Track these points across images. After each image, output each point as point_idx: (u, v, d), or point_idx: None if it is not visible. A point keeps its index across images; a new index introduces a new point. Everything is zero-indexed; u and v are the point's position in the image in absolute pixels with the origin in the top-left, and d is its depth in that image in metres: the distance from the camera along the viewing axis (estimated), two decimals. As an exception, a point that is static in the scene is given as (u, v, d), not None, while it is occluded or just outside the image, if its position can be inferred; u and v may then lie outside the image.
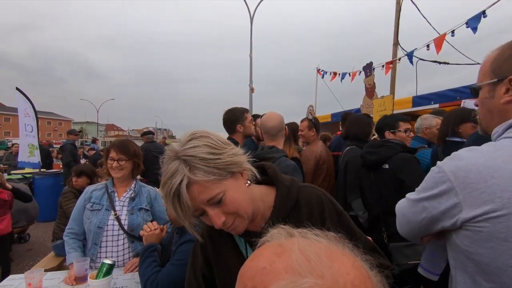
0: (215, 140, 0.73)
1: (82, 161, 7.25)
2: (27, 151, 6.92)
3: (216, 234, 0.89)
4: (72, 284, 1.69)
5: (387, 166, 2.12)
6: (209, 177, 0.68)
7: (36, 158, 6.88)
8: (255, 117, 2.95)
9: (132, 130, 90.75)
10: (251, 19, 11.95)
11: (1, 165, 8.91)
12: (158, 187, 2.46)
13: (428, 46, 5.22)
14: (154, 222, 1.84)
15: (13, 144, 9.62)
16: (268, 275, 0.35)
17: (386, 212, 2.10)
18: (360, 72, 7.01)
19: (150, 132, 5.90)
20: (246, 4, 11.84)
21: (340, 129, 7.03)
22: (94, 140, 14.19)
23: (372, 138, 2.87)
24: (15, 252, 4.43)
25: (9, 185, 3.52)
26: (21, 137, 7.02)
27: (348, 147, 2.68)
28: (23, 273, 1.90)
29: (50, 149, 10.08)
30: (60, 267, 2.87)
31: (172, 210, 0.70)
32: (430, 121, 2.81)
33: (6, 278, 1.80)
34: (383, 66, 6.34)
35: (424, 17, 6.11)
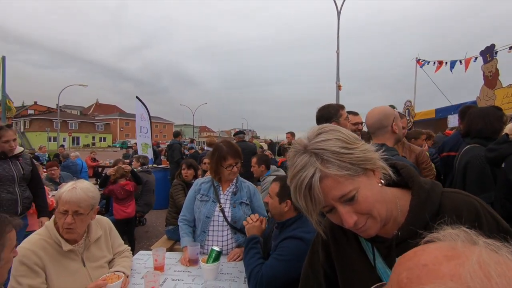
0: (346, 134, 0.69)
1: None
2: (141, 149, 8.30)
3: (340, 232, 0.84)
4: (186, 265, 1.90)
5: (503, 165, 1.82)
6: (342, 172, 0.64)
7: (149, 155, 8.18)
8: (349, 114, 2.78)
9: (222, 131, 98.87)
10: (338, 14, 11.45)
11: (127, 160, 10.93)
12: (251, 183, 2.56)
13: None
14: (256, 214, 1.92)
15: (134, 143, 11.71)
16: (428, 274, 0.32)
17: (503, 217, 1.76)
18: (476, 58, 5.87)
19: (241, 132, 6.24)
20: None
21: (448, 126, 6.04)
22: (192, 141, 16.06)
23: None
24: (135, 233, 5.33)
25: (129, 167, 4.21)
26: (137, 137, 8.45)
27: (468, 146, 2.25)
28: (142, 250, 2.25)
29: (158, 148, 11.83)
30: (172, 249, 3.29)
31: (303, 203, 0.69)
32: None
33: (138, 253, 2.15)
34: (510, 48, 5.15)
35: None
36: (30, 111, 53.73)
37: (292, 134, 6.89)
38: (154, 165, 8.26)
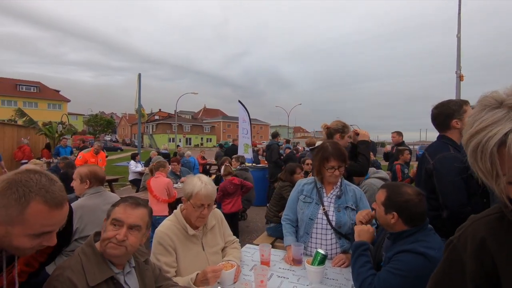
0: None
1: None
2: (243, 149, 8.95)
3: (508, 238, 0.65)
4: (290, 264, 1.93)
5: None
6: None
7: (249, 154, 8.77)
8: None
9: (316, 131, 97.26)
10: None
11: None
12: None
13: None
14: (368, 211, 1.80)
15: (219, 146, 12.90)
16: None
17: None
18: None
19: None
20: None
21: None
22: (288, 141, 16.32)
23: None
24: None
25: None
26: (239, 138, 9.16)
27: None
28: (248, 244, 2.39)
29: (255, 148, 12.50)
30: (272, 246, 3.41)
31: (484, 166, 0.58)
32: None
33: (245, 246, 2.31)
34: None
35: None
36: (156, 117, 65.47)
37: (398, 134, 6.13)
38: (253, 164, 8.80)
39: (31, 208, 0.90)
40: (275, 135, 8.00)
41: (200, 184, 1.75)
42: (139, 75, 11.90)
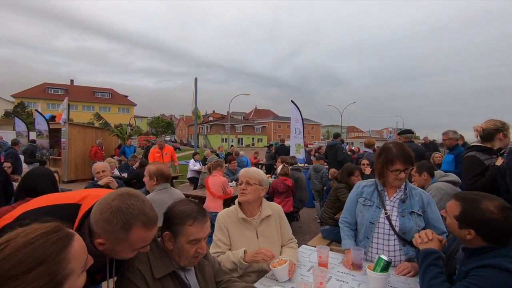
0: None
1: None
2: (295, 149, 8.89)
3: None
4: (349, 268, 1.87)
5: None
6: None
7: (301, 155, 8.69)
8: None
9: (372, 131, 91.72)
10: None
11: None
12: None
13: None
14: (428, 231, 1.62)
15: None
16: None
17: None
18: None
19: (409, 131, 5.18)
20: None
21: None
22: (342, 141, 15.75)
23: None
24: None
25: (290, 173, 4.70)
26: (291, 138, 9.12)
27: None
28: (304, 244, 2.37)
29: (307, 149, 12.29)
30: (327, 248, 3.34)
31: None
32: None
33: (301, 247, 2.29)
34: None
35: None
36: (210, 118, 68.73)
37: (454, 133, 5.25)
38: (305, 164, 8.68)
39: (134, 232, 1.08)
40: (337, 136, 7.81)
41: (246, 168, 2.15)
42: (196, 79, 12.62)
